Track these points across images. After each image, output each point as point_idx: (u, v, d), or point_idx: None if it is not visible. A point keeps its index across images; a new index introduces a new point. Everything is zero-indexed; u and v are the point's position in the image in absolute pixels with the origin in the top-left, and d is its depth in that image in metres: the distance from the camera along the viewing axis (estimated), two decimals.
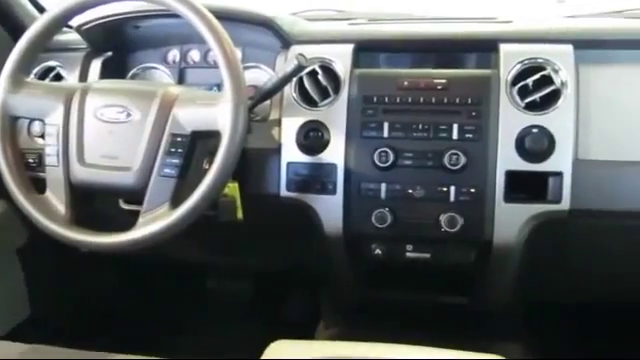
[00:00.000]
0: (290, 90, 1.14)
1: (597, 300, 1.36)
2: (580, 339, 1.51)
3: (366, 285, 1.25)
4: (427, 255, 1.13)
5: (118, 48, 1.30)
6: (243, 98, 0.97)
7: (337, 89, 1.13)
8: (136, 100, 1.03)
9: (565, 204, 1.05)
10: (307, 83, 1.13)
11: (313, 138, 1.12)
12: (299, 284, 1.74)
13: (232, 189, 1.10)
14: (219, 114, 0.97)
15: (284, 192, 1.14)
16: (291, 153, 1.13)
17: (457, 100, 1.08)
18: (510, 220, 1.07)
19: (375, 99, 1.10)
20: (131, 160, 1.01)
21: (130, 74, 1.30)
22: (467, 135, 1.07)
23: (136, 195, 1.02)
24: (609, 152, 1.06)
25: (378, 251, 1.14)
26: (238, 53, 1.09)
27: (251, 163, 1.14)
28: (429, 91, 1.09)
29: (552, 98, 1.06)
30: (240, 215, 1.11)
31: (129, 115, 1.03)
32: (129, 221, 0.99)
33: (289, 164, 1.13)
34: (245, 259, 1.47)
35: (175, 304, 1.78)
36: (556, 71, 1.06)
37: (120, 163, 1.02)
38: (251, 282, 1.79)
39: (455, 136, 1.07)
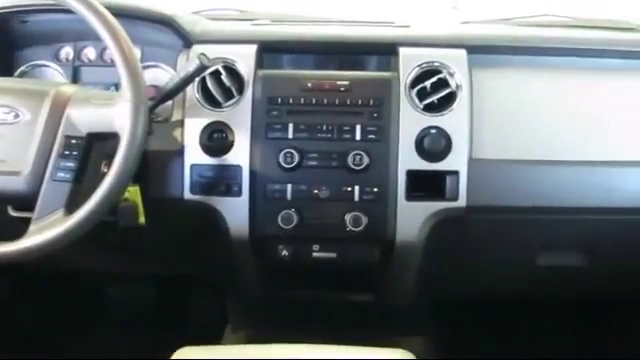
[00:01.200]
0: (193, 90, 1.11)
1: (496, 293, 1.44)
2: (482, 331, 1.60)
3: (273, 286, 1.25)
4: (333, 254, 1.14)
5: (4, 44, 1.21)
6: (143, 98, 0.94)
7: (241, 90, 1.12)
8: (25, 100, 0.97)
9: (462, 201, 1.10)
10: (210, 83, 1.11)
11: (217, 139, 1.10)
12: (206, 288, 1.70)
13: (133, 193, 1.06)
14: (117, 115, 0.93)
15: (188, 195, 1.11)
16: (194, 155, 1.10)
17: (359, 102, 1.10)
18: (412, 218, 1.10)
19: (279, 100, 1.10)
20: (21, 164, 0.95)
21: (18, 72, 1.22)
22: (370, 136, 1.09)
23: (27, 201, 0.96)
24: (501, 151, 1.12)
25: (285, 252, 1.14)
26: (137, 52, 1.05)
27: (153, 166, 1.10)
28: (332, 93, 1.10)
29: (448, 100, 1.10)
30: (142, 220, 1.07)
31: (17, 116, 0.96)
32: (19, 229, 0.93)
33: (193, 166, 1.11)
34: (149, 264, 1.42)
35: (75, 314, 1.69)
36: (451, 74, 1.11)
37: (8, 167, 0.96)
38: (156, 288, 1.74)
39: (358, 137, 1.09)
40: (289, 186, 1.10)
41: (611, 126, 1.13)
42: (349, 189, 1.09)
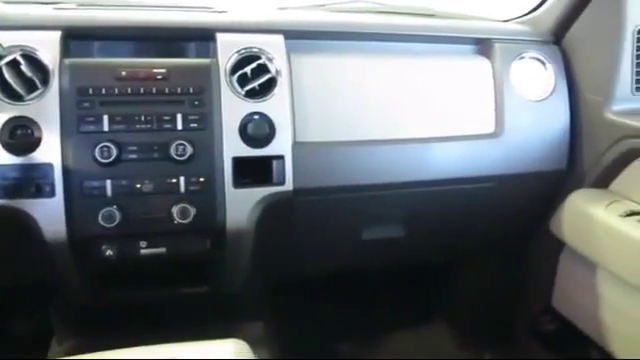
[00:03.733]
0: None
1: (328, 269, 1.50)
2: (317, 308, 1.65)
3: (100, 289, 1.18)
4: (163, 249, 1.10)
5: None
6: None
7: (45, 81, 1.03)
8: None
9: (289, 185, 1.12)
10: (8, 75, 1.00)
11: (21, 136, 1.00)
12: (27, 299, 1.56)
13: None
14: None
15: None
16: None
17: (179, 90, 1.07)
18: (240, 205, 1.10)
19: (91, 91, 1.03)
20: None
21: None
22: (192, 124, 1.07)
23: None
24: (323, 134, 1.16)
25: (109, 252, 1.08)
26: None
27: None
28: (149, 81, 1.06)
29: (269, 86, 1.11)
30: None
31: None
32: None
33: None
34: None
35: None
36: (270, 60, 1.12)
37: None
38: None
39: (180, 126, 1.06)
40: (108, 182, 1.04)
41: (418, 106, 1.22)
42: (174, 181, 1.06)
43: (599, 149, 1.25)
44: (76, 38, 1.09)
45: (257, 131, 1.09)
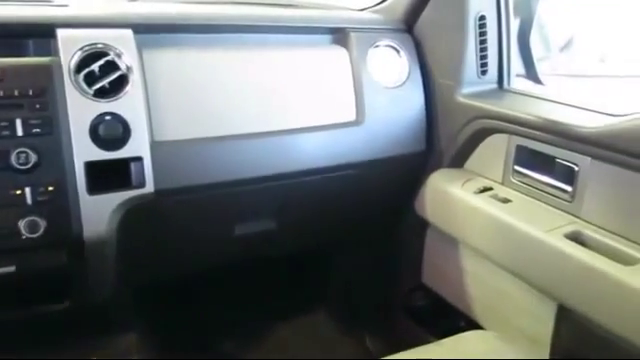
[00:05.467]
0: None
1: (201, 268, 1.46)
2: (194, 310, 1.61)
3: None
4: (11, 268, 1.01)
5: None
6: None
7: None
8: None
9: (150, 187, 1.07)
10: None
11: None
12: None
13: None
14: None
15: None
16: None
17: (16, 92, 0.97)
18: (98, 212, 1.04)
19: None
20: None
21: None
22: (34, 130, 0.98)
23: None
24: (184, 131, 1.12)
25: None
26: None
27: None
28: None
29: (121, 84, 1.05)
30: None
31: None
32: None
33: None
34: None
35: None
36: (119, 56, 1.05)
37: None
38: None
39: (20, 132, 0.97)
40: None
41: (280, 97, 1.21)
42: (18, 192, 0.97)
43: (453, 130, 1.32)
44: None
45: (110, 132, 1.02)
